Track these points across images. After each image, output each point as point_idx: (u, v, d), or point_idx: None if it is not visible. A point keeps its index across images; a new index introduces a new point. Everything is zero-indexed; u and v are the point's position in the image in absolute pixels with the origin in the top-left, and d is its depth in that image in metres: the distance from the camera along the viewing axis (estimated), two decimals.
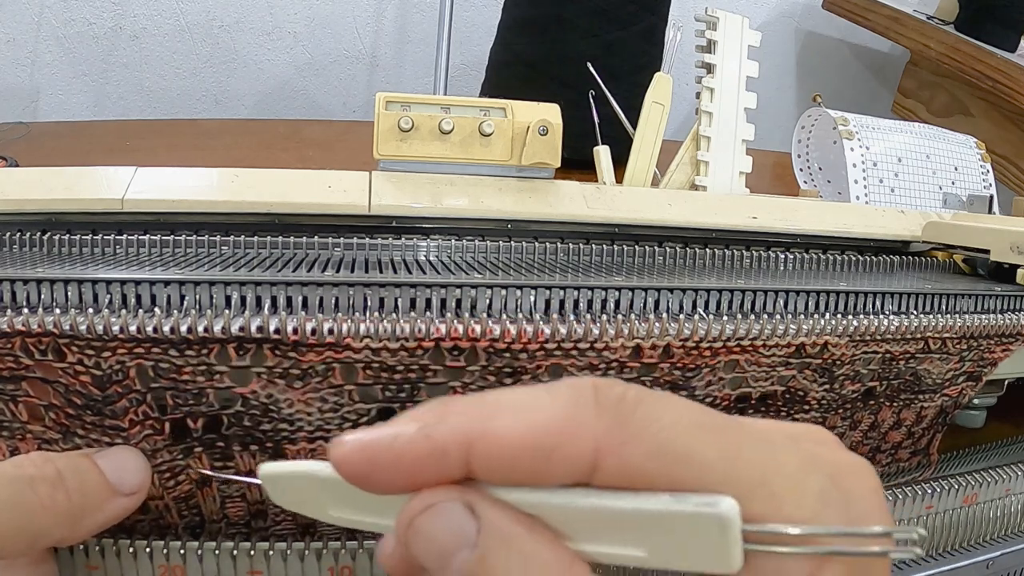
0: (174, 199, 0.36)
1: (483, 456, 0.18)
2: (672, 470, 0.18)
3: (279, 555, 0.30)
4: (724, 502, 0.17)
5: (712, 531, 0.17)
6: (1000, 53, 1.06)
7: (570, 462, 0.18)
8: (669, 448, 0.18)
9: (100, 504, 0.26)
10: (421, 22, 1.21)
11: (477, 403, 0.19)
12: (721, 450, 0.18)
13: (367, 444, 0.19)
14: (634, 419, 0.18)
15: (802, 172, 0.72)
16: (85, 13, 1.08)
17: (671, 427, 0.18)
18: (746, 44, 0.49)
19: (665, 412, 0.18)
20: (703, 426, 0.18)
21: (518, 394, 0.19)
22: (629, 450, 0.18)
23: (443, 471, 0.19)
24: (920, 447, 0.42)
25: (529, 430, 0.18)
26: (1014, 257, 0.41)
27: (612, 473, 0.18)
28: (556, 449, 0.18)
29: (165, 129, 0.94)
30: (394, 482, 0.19)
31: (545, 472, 0.18)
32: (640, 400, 0.18)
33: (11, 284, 0.28)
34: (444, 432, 0.18)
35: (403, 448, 0.18)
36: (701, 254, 0.41)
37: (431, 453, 0.18)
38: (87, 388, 0.27)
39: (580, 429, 0.18)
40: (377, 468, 0.19)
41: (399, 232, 0.38)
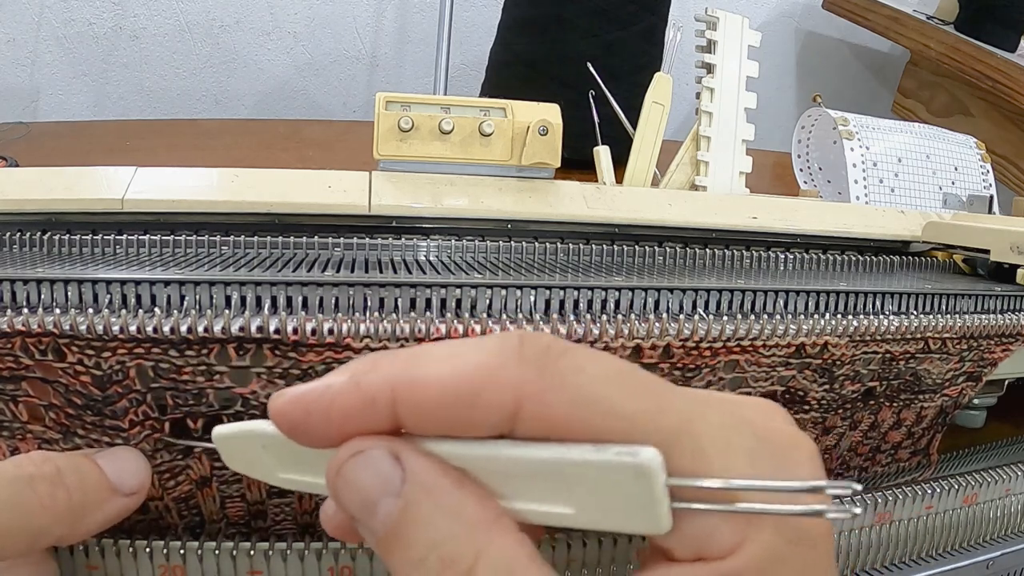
0: (174, 199, 0.36)
1: (408, 403, 0.18)
2: (594, 420, 0.17)
3: (279, 555, 0.30)
4: (645, 452, 0.17)
5: (635, 484, 0.17)
6: (1000, 53, 1.06)
7: (493, 410, 0.18)
8: (591, 398, 0.18)
9: (100, 503, 0.26)
10: (421, 22, 1.21)
11: (406, 354, 0.19)
12: (645, 402, 0.18)
13: (301, 395, 0.19)
14: (557, 368, 0.18)
15: (802, 172, 0.72)
16: (85, 13, 1.09)
17: (594, 378, 0.18)
18: (746, 44, 0.49)
19: (589, 363, 0.18)
20: (628, 377, 0.18)
21: (446, 344, 0.19)
22: (551, 398, 0.17)
23: (373, 421, 0.19)
24: (920, 447, 0.42)
25: (452, 377, 0.18)
26: (1014, 257, 0.41)
27: (534, 422, 0.18)
28: (478, 396, 0.18)
29: (165, 129, 0.94)
30: (327, 433, 0.19)
31: (468, 420, 0.18)
32: (565, 350, 0.18)
33: (11, 284, 0.28)
34: (372, 380, 0.18)
35: (334, 397, 0.19)
36: (701, 254, 0.41)
37: (360, 401, 0.18)
38: (87, 388, 0.27)
39: (502, 376, 0.18)
40: (310, 419, 0.19)
41: (399, 232, 0.38)
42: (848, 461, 0.40)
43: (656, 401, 0.18)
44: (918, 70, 1.26)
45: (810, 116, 0.69)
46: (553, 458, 0.18)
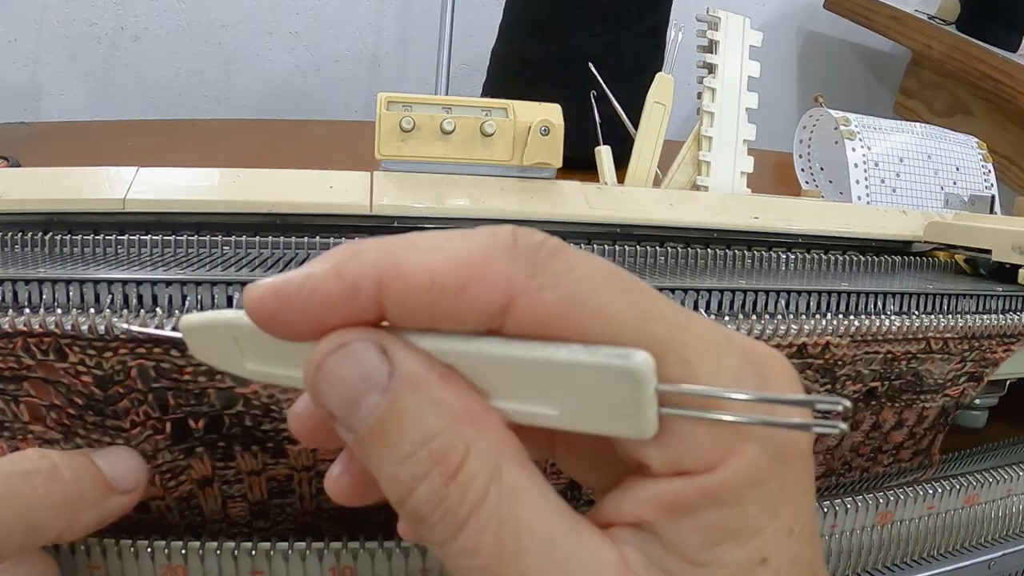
0: (176, 199, 0.36)
1: (394, 293, 0.17)
2: (584, 321, 0.17)
3: (280, 555, 0.30)
4: (637, 355, 0.16)
5: (624, 388, 0.17)
6: (1002, 53, 1.06)
7: (482, 302, 0.17)
8: (583, 298, 0.17)
9: (98, 499, 0.26)
10: (422, 22, 1.21)
11: (392, 240, 0.18)
12: (637, 308, 0.17)
13: (279, 286, 0.18)
14: (550, 265, 0.17)
15: (804, 172, 0.72)
16: (87, 13, 1.09)
17: (587, 278, 0.17)
18: (747, 44, 0.49)
19: (582, 263, 0.18)
20: (621, 280, 0.18)
21: (434, 234, 0.18)
22: (542, 296, 0.17)
23: (355, 312, 0.18)
24: (922, 447, 0.42)
25: (439, 264, 0.17)
26: (1016, 257, 0.41)
27: (524, 319, 0.17)
28: (468, 287, 0.17)
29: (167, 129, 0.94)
30: (306, 325, 0.18)
31: (455, 312, 0.17)
32: (558, 249, 0.18)
33: (13, 284, 0.28)
34: (355, 268, 0.17)
35: (314, 286, 0.18)
36: (703, 254, 0.41)
37: (342, 290, 0.17)
38: (88, 388, 0.27)
39: (493, 268, 0.17)
40: (289, 310, 0.18)
41: (401, 232, 0.38)
42: (850, 461, 0.40)
43: (647, 306, 0.18)
44: (920, 70, 1.26)
45: (812, 116, 0.69)
46: (542, 357, 0.17)
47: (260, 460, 0.29)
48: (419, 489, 0.18)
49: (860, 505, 0.37)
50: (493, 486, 0.17)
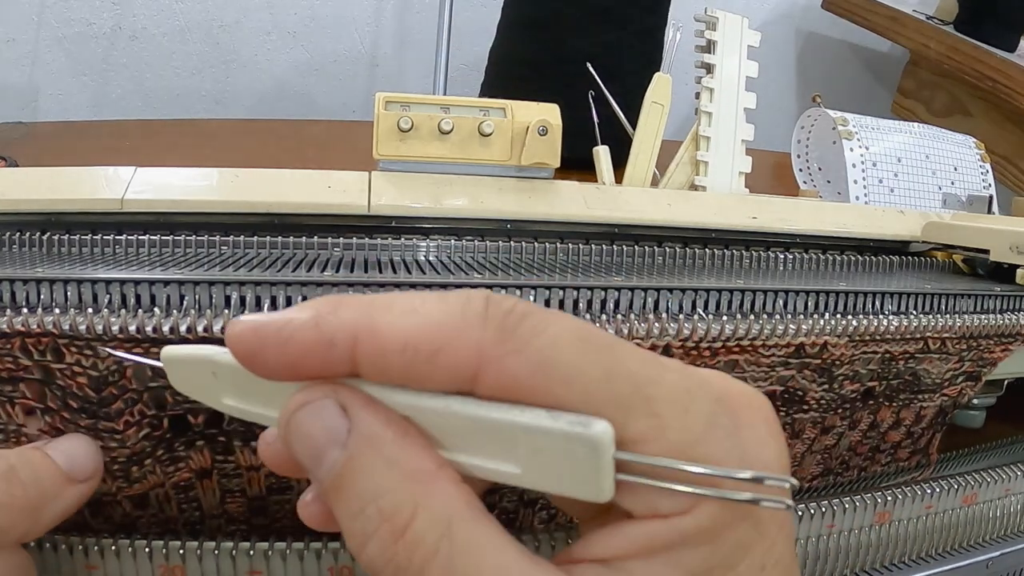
0: (174, 199, 0.36)
1: (368, 352, 0.18)
2: (552, 385, 0.18)
3: (279, 555, 0.30)
4: (597, 425, 0.17)
5: (584, 453, 0.17)
6: (999, 53, 1.06)
7: (451, 367, 0.18)
8: (550, 362, 0.18)
9: (57, 493, 0.26)
10: (421, 22, 1.21)
11: (371, 300, 0.19)
12: (604, 366, 0.18)
13: (260, 325, 0.19)
14: (518, 331, 0.18)
15: (802, 172, 0.72)
16: (85, 13, 1.08)
17: (554, 341, 0.18)
18: (746, 44, 0.49)
19: (550, 326, 0.18)
20: (588, 341, 0.18)
21: (411, 296, 0.19)
22: (510, 362, 0.18)
23: (329, 362, 0.19)
24: (919, 447, 0.42)
25: (413, 329, 0.18)
26: (1013, 257, 0.41)
27: (492, 384, 0.18)
28: (438, 351, 0.18)
29: (165, 129, 0.94)
30: (281, 367, 0.19)
31: (426, 374, 0.18)
32: (527, 313, 0.18)
33: (11, 284, 0.28)
34: (333, 323, 0.18)
35: (292, 333, 0.19)
36: (700, 254, 0.41)
37: (318, 341, 0.18)
38: (83, 390, 0.27)
39: (464, 334, 0.18)
40: (267, 350, 0.19)
41: (399, 232, 0.38)
42: (847, 460, 0.40)
43: (613, 365, 0.18)
44: (918, 70, 1.26)
45: (810, 116, 0.69)
46: (507, 420, 0.18)
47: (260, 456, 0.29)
48: (370, 544, 0.18)
49: (858, 504, 0.38)
50: (443, 543, 0.18)
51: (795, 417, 0.36)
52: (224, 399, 0.22)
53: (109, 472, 0.29)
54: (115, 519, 0.30)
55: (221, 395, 0.22)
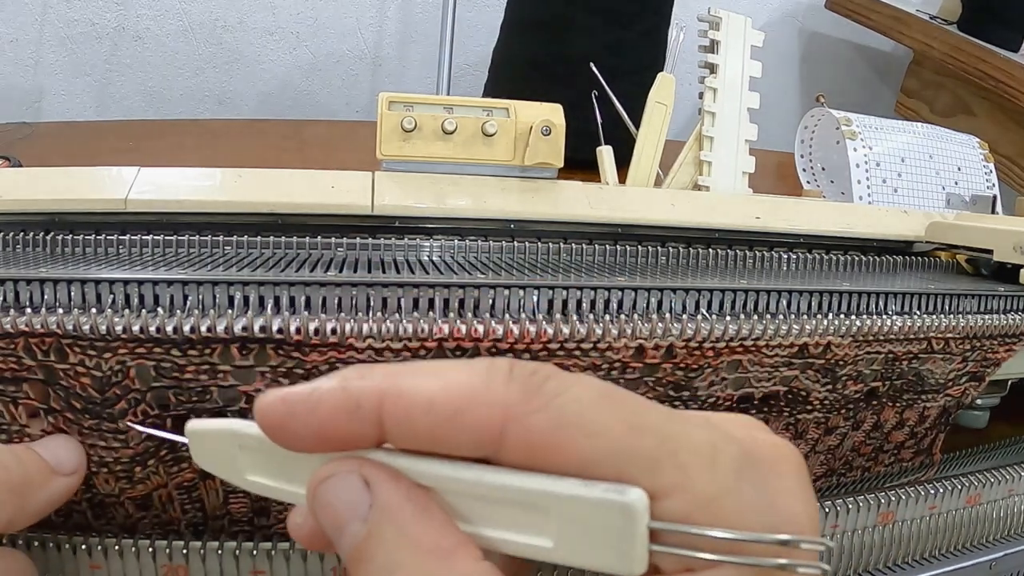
0: (177, 199, 0.36)
1: (394, 413, 0.19)
2: (578, 442, 0.18)
3: (281, 555, 0.30)
4: (632, 492, 0.17)
5: (619, 522, 0.17)
6: (1003, 53, 1.06)
7: (477, 426, 0.18)
8: (575, 419, 0.18)
9: (43, 483, 0.26)
10: (424, 22, 1.21)
11: (396, 366, 0.19)
12: (628, 421, 0.18)
13: (288, 395, 0.19)
14: (542, 390, 0.18)
15: (805, 172, 0.72)
16: (88, 13, 1.09)
17: (578, 399, 0.18)
18: (749, 44, 0.49)
19: (574, 386, 0.18)
20: (611, 398, 0.19)
21: (436, 362, 0.19)
22: (535, 419, 0.18)
23: (357, 428, 0.19)
24: (923, 447, 0.42)
25: (439, 391, 0.18)
26: (1017, 257, 0.41)
27: (518, 445, 0.18)
28: (464, 412, 0.18)
29: (168, 129, 0.94)
30: (309, 436, 0.19)
31: (452, 435, 0.18)
32: (551, 375, 0.19)
33: (14, 284, 0.28)
34: (359, 385, 0.19)
35: (320, 398, 0.19)
36: (704, 254, 0.41)
37: (346, 405, 0.19)
38: (87, 390, 0.27)
39: (489, 395, 0.18)
40: (295, 419, 0.19)
41: (402, 232, 0.38)
42: (851, 461, 0.40)
43: (637, 420, 0.18)
44: (921, 70, 1.26)
45: (813, 116, 0.69)
46: (538, 488, 0.18)
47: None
48: None
49: (862, 505, 0.37)
50: None
51: (799, 417, 0.36)
52: (248, 475, 0.22)
53: (112, 473, 0.29)
54: (118, 520, 0.30)
55: (245, 471, 0.22)
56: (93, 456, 0.28)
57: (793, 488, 0.19)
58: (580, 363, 0.30)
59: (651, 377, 0.31)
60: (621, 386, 0.31)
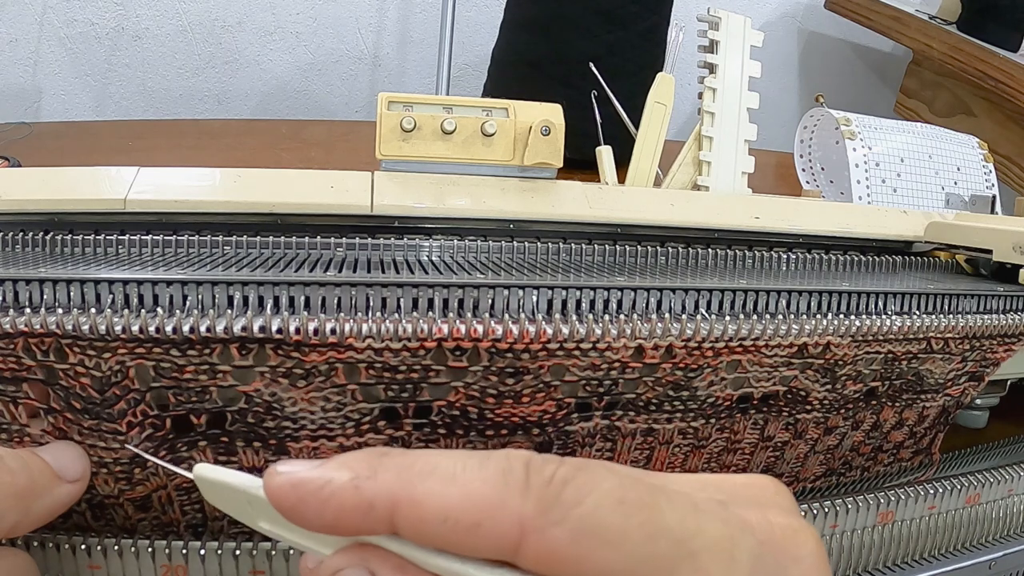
0: (176, 199, 0.36)
1: (407, 519, 0.18)
2: (595, 553, 0.18)
3: (281, 555, 0.30)
4: None
5: None
6: (1003, 53, 1.06)
7: (493, 539, 0.18)
8: (591, 530, 0.18)
9: (47, 488, 0.26)
10: (423, 22, 1.21)
11: (411, 462, 0.19)
12: (644, 527, 0.18)
13: (299, 482, 0.19)
14: (560, 501, 0.18)
15: (804, 172, 0.72)
16: (88, 14, 1.09)
17: (596, 508, 0.18)
18: (748, 44, 0.49)
19: (592, 491, 0.18)
20: (628, 503, 0.18)
21: (452, 460, 0.19)
22: (553, 532, 0.18)
23: (368, 523, 0.19)
24: (922, 447, 0.42)
25: (454, 500, 0.18)
26: (1017, 257, 0.41)
27: (535, 555, 0.18)
28: (480, 524, 0.18)
29: (167, 129, 0.94)
30: (321, 524, 0.19)
31: (468, 545, 0.18)
32: (568, 480, 0.19)
33: (14, 284, 0.28)
34: (372, 488, 0.19)
35: (331, 494, 0.19)
36: (703, 254, 0.41)
37: (357, 505, 0.19)
38: (86, 391, 0.27)
39: (505, 507, 0.18)
40: (306, 507, 0.19)
41: (401, 232, 0.38)
42: (850, 461, 0.40)
43: (654, 525, 0.18)
44: (920, 70, 1.26)
45: (812, 116, 0.69)
46: None
47: (262, 457, 0.29)
48: None
49: (861, 505, 0.38)
50: None
51: (798, 417, 0.36)
52: (260, 523, 0.22)
53: (111, 474, 0.29)
54: (117, 522, 0.30)
55: (257, 519, 0.22)
56: (93, 456, 0.28)
57: (810, 573, 0.20)
58: (579, 363, 0.30)
59: (650, 377, 0.31)
60: (622, 385, 0.31)
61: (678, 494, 0.19)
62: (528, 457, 0.19)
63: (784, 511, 0.21)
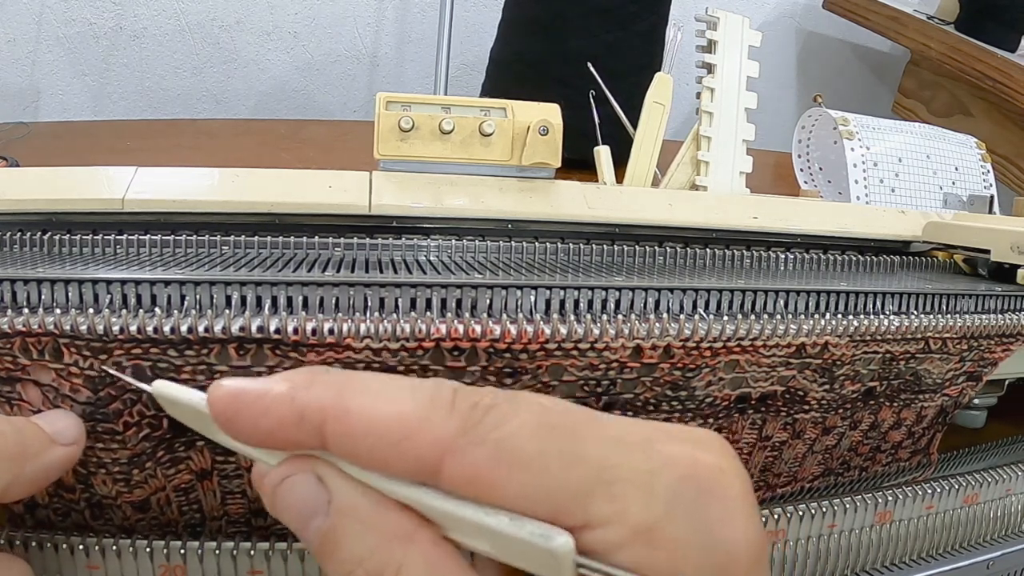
0: (174, 199, 0.36)
1: (335, 431, 0.19)
2: (512, 477, 0.18)
3: (279, 555, 0.30)
4: (559, 538, 0.18)
5: (545, 560, 0.18)
6: (1001, 53, 1.06)
7: (415, 456, 0.19)
8: (509, 453, 0.18)
9: (40, 451, 0.26)
10: (421, 22, 1.21)
11: (347, 379, 0.20)
12: (562, 453, 0.18)
13: (239, 392, 0.20)
14: (482, 424, 0.19)
15: (803, 172, 0.72)
16: (86, 13, 1.09)
17: (516, 432, 0.18)
18: (747, 44, 0.49)
19: (514, 416, 0.19)
20: (551, 427, 0.19)
21: (384, 381, 0.20)
22: (471, 454, 0.18)
23: (300, 435, 0.20)
24: (920, 447, 0.42)
25: (380, 417, 0.19)
26: (1015, 257, 0.41)
27: (455, 475, 0.18)
28: (403, 439, 0.19)
29: (166, 129, 0.94)
30: (255, 435, 0.20)
31: (391, 460, 0.19)
32: (492, 406, 0.19)
33: (11, 284, 0.28)
34: (305, 399, 0.19)
35: (268, 405, 0.20)
36: (701, 254, 0.41)
37: (291, 415, 0.19)
38: (80, 391, 0.27)
39: (429, 426, 0.19)
40: (242, 417, 0.20)
41: (399, 232, 0.38)
42: (848, 461, 0.40)
43: (574, 451, 0.18)
44: (919, 70, 1.26)
45: (811, 116, 0.69)
46: (470, 520, 0.18)
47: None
48: None
49: (859, 504, 0.38)
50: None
51: (796, 417, 0.36)
52: (218, 435, 0.22)
53: (110, 475, 0.29)
54: (115, 523, 0.30)
55: (211, 430, 0.22)
56: (91, 457, 0.28)
57: (734, 513, 0.19)
58: (578, 363, 0.30)
59: (649, 377, 0.31)
60: (620, 385, 0.31)
61: (604, 428, 0.19)
62: (458, 385, 0.20)
63: (715, 452, 0.20)
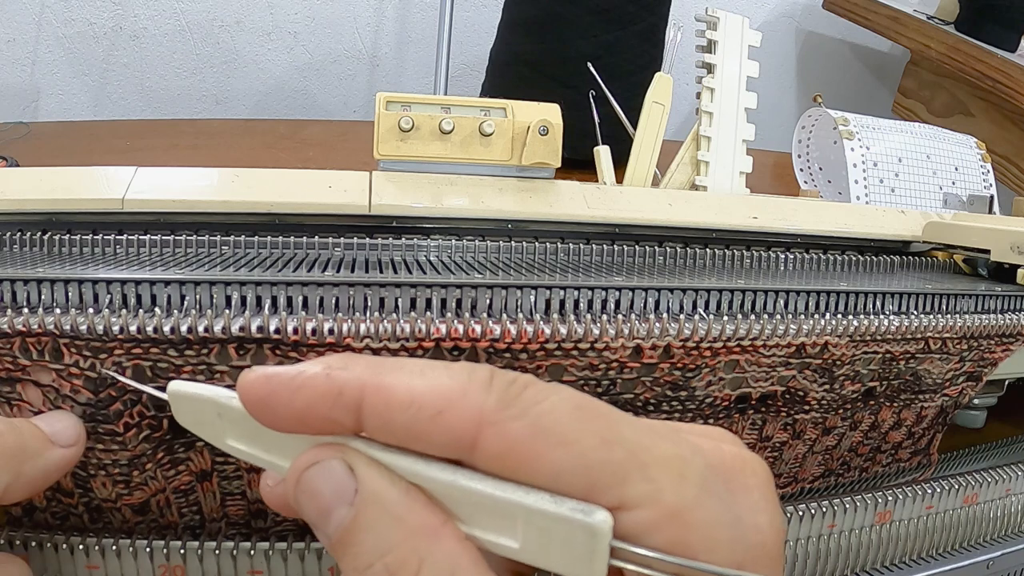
0: (174, 199, 0.36)
1: (373, 404, 0.19)
2: (551, 452, 0.18)
3: (279, 555, 0.30)
4: (599, 513, 0.18)
5: (583, 539, 0.18)
6: (1000, 53, 1.06)
7: (453, 428, 0.18)
8: (548, 428, 0.18)
9: (39, 451, 0.26)
10: (421, 22, 1.21)
11: (380, 360, 0.20)
12: (600, 434, 0.18)
13: (272, 375, 0.20)
14: (520, 399, 0.19)
15: (802, 172, 0.72)
16: (86, 13, 1.09)
17: (552, 409, 0.19)
18: (746, 44, 0.49)
19: (551, 396, 0.19)
20: (585, 409, 0.19)
21: (419, 362, 0.20)
22: (510, 426, 0.18)
23: (336, 415, 0.19)
24: (920, 447, 0.42)
25: (421, 388, 0.19)
26: (1014, 257, 0.41)
27: (493, 451, 0.18)
28: (442, 412, 0.18)
29: (165, 129, 0.94)
30: (289, 417, 0.20)
31: (428, 436, 0.19)
32: (528, 384, 0.19)
33: (11, 284, 0.28)
34: (343, 376, 0.19)
35: (304, 381, 0.19)
36: (701, 254, 0.41)
37: (328, 392, 0.19)
38: (81, 391, 0.27)
39: (467, 398, 0.18)
40: (275, 399, 0.20)
41: (399, 232, 0.38)
42: (849, 461, 0.40)
43: (610, 432, 0.19)
44: (918, 70, 1.26)
45: (810, 116, 0.69)
46: (509, 499, 0.18)
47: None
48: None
49: (859, 504, 0.38)
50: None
51: (796, 417, 0.36)
52: (228, 440, 0.22)
53: (110, 477, 0.29)
54: (115, 525, 0.30)
55: (225, 436, 0.22)
56: (91, 459, 0.28)
57: (759, 501, 0.20)
58: (577, 363, 0.30)
59: (648, 377, 0.31)
60: (620, 385, 0.31)
61: (633, 418, 0.20)
62: (492, 367, 0.20)
63: (736, 444, 0.21)
